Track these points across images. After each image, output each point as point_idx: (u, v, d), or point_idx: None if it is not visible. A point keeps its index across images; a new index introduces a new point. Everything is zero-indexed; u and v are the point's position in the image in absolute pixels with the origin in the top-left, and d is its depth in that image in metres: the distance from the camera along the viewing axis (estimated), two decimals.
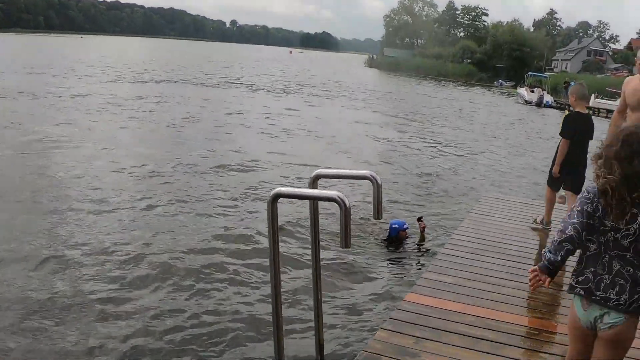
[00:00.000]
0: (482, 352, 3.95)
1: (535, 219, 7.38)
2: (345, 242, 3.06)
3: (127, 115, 19.26)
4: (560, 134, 6.57)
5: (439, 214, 10.18)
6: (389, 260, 7.77)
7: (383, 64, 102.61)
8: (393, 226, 8.23)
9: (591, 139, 6.49)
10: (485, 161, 16.90)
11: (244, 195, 10.34)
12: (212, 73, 45.11)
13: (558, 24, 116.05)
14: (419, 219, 8.48)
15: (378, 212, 3.56)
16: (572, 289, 2.69)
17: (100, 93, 24.68)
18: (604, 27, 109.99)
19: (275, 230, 3.23)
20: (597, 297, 2.59)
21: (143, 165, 12.02)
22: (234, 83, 37.38)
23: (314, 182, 3.72)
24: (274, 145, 15.83)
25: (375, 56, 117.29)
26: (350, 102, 32.24)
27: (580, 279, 2.65)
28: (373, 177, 3.51)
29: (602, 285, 2.59)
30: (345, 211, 3.01)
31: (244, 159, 13.44)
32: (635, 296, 2.57)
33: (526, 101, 48.03)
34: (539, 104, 45.52)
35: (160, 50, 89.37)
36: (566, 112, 7.40)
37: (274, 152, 14.70)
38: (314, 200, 3.58)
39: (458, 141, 20.57)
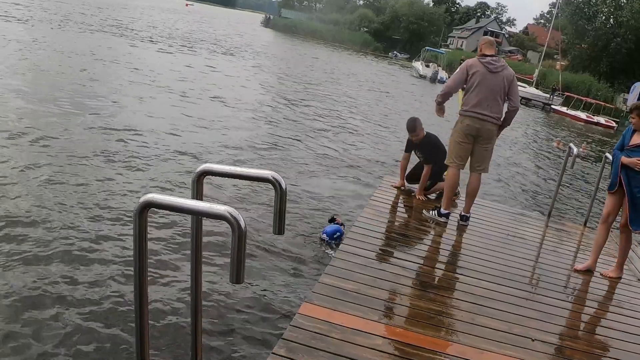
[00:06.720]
0: None
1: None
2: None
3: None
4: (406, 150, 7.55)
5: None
6: (289, 265, 6.62)
7: (279, 25, 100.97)
8: (335, 235, 7.15)
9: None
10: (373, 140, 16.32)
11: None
12: (103, 18, 41.84)
13: (458, 1, 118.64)
14: (332, 219, 7.45)
15: (280, 225, 2.71)
16: None
17: None
18: (502, 9, 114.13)
19: (142, 250, 2.32)
20: None
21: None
22: (122, 31, 34.64)
23: (198, 180, 2.76)
24: (157, 110, 14.53)
25: (272, 16, 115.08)
26: (240, 63, 31.26)
27: None
28: (276, 179, 2.58)
29: None
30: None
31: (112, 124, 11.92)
32: None
33: (420, 75, 48.67)
34: (433, 79, 46.19)
35: None
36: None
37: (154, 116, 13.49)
38: (198, 215, 2.67)
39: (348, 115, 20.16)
